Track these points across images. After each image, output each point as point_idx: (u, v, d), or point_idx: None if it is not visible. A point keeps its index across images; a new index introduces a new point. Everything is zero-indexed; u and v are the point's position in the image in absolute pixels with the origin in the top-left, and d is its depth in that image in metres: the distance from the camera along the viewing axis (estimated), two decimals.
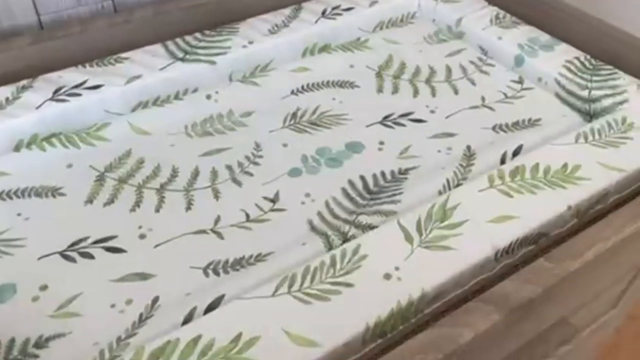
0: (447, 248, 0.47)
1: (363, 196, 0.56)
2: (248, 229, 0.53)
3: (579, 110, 0.66)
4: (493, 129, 0.64)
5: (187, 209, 0.55)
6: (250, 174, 0.58)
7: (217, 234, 0.52)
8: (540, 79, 0.70)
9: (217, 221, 0.53)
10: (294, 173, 0.59)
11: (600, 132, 0.59)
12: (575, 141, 0.58)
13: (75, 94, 0.63)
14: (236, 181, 0.58)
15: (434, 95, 0.69)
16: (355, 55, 0.75)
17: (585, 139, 0.58)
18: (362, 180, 0.58)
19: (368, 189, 0.57)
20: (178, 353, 0.40)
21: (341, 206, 0.55)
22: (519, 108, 0.67)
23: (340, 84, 0.71)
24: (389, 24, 0.81)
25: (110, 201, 0.55)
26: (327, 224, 0.53)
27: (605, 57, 0.71)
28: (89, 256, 0.50)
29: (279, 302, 0.43)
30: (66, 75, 0.65)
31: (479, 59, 0.75)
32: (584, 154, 0.56)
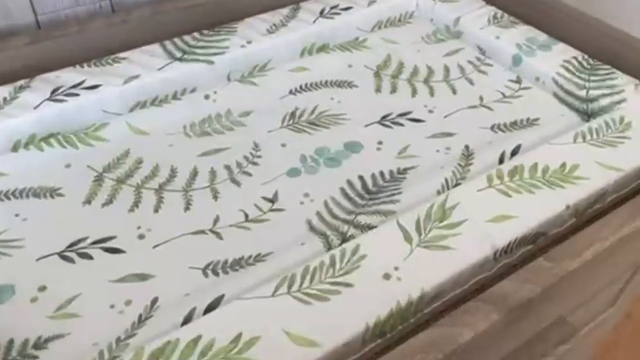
0: (446, 248, 0.47)
1: (362, 196, 0.56)
2: (247, 229, 0.53)
3: (576, 110, 0.66)
4: (491, 129, 0.64)
5: (186, 209, 0.55)
6: (249, 174, 0.58)
7: (216, 234, 0.52)
8: (538, 79, 0.70)
9: (216, 221, 0.53)
10: (292, 173, 0.58)
11: (598, 132, 0.59)
12: (574, 141, 0.58)
13: (73, 94, 0.62)
14: (235, 181, 0.58)
15: (432, 95, 0.69)
16: (353, 54, 0.75)
17: (584, 138, 0.58)
18: (361, 180, 0.58)
19: (367, 189, 0.57)
20: (178, 353, 0.40)
21: (340, 206, 0.55)
22: (517, 108, 0.67)
23: (338, 84, 0.70)
24: (387, 24, 0.81)
25: (109, 201, 0.55)
26: (326, 224, 0.53)
27: (602, 57, 0.71)
28: (88, 257, 0.50)
29: (278, 302, 0.43)
30: (64, 75, 0.65)
31: (477, 59, 0.75)
32: (582, 153, 0.57)
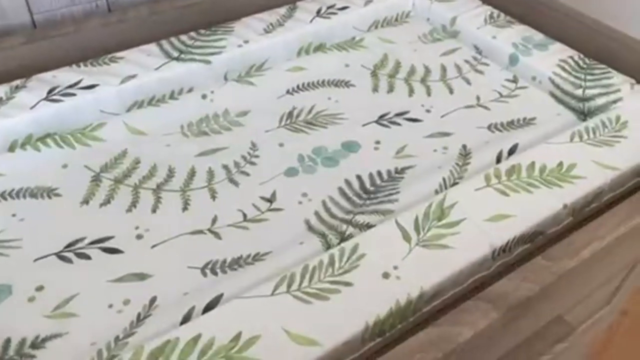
0: (445, 247, 0.47)
1: (360, 195, 0.56)
2: (245, 228, 0.53)
3: (573, 109, 0.67)
4: (488, 128, 0.64)
5: (184, 209, 0.54)
6: (246, 174, 0.58)
7: (215, 234, 0.52)
8: (535, 78, 0.70)
9: (214, 221, 0.53)
10: (290, 173, 0.58)
11: (594, 131, 0.59)
12: (570, 140, 0.58)
13: (69, 93, 0.62)
14: (233, 181, 0.57)
15: (429, 94, 0.69)
16: (350, 54, 0.75)
17: (580, 137, 0.58)
18: (359, 179, 0.58)
19: (365, 189, 0.57)
20: (178, 352, 0.39)
21: (338, 206, 0.55)
22: (513, 107, 0.67)
23: (335, 83, 0.70)
24: (384, 23, 0.81)
25: (107, 202, 0.55)
26: (325, 223, 0.53)
27: (598, 56, 0.71)
28: (86, 257, 0.50)
29: (278, 301, 0.43)
30: (60, 75, 0.64)
31: (474, 58, 0.75)
32: (579, 152, 0.57)
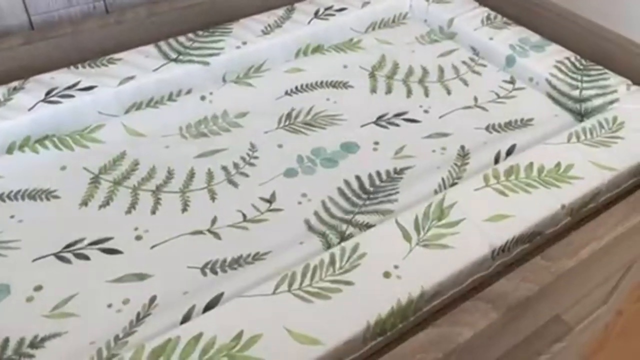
0: (445, 246, 0.47)
1: (359, 196, 0.56)
2: (245, 229, 0.53)
3: (570, 110, 0.67)
4: (486, 129, 0.64)
5: (184, 210, 0.54)
6: (246, 175, 0.58)
7: (214, 234, 0.52)
8: (532, 79, 0.70)
9: (213, 222, 0.53)
10: (289, 173, 0.59)
11: (591, 132, 0.60)
12: (568, 141, 0.59)
13: (68, 95, 0.62)
14: (232, 182, 0.57)
15: (427, 95, 0.69)
16: (348, 55, 0.76)
17: (578, 138, 0.59)
18: (358, 180, 0.58)
19: (364, 189, 0.57)
20: (179, 351, 0.39)
21: (338, 206, 0.55)
22: (511, 108, 0.68)
23: (334, 85, 0.71)
24: (381, 25, 0.81)
25: (106, 203, 0.55)
26: (325, 223, 0.53)
27: (593, 57, 0.71)
28: (85, 257, 0.50)
29: (279, 300, 0.43)
30: (58, 77, 0.64)
31: (471, 59, 0.75)
32: (576, 153, 0.57)
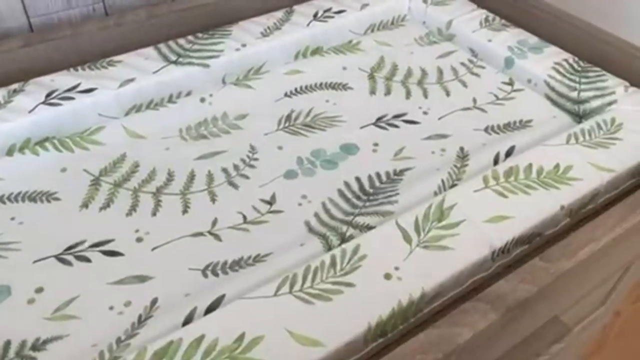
0: (445, 248, 0.47)
1: (359, 197, 0.56)
2: (245, 230, 0.53)
3: (568, 112, 0.67)
4: (485, 130, 0.65)
5: (184, 212, 0.55)
6: (246, 177, 0.58)
7: (215, 236, 0.52)
8: (530, 81, 0.71)
9: (214, 223, 0.53)
10: (289, 175, 0.59)
11: (590, 133, 0.60)
12: (567, 142, 0.59)
13: (68, 97, 0.62)
14: (232, 184, 0.58)
15: (426, 96, 0.70)
16: (347, 57, 0.76)
17: (576, 139, 0.59)
18: (358, 181, 0.58)
19: (364, 190, 0.57)
20: (181, 353, 0.40)
21: (338, 207, 0.55)
22: (510, 109, 0.68)
23: (333, 86, 0.71)
24: (380, 27, 0.82)
25: (106, 205, 0.55)
26: (325, 225, 0.53)
27: (591, 59, 0.72)
28: (86, 259, 0.50)
29: (281, 302, 0.43)
30: (58, 79, 0.64)
31: (470, 61, 0.76)
32: (575, 154, 0.57)
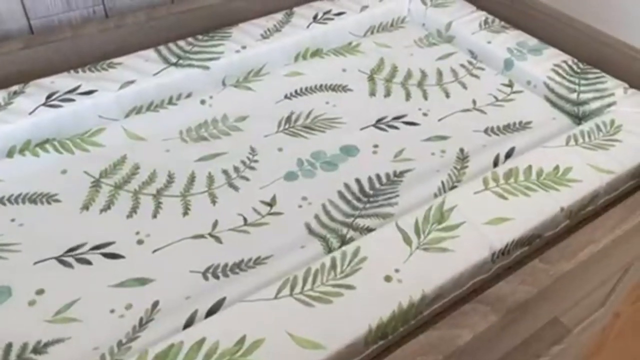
0: (445, 250, 0.47)
1: (360, 199, 0.56)
2: (246, 232, 0.53)
3: (568, 113, 0.67)
4: (485, 132, 0.65)
5: (185, 214, 0.55)
6: (246, 179, 0.58)
7: (215, 238, 0.52)
8: (530, 82, 0.71)
9: (215, 225, 0.53)
10: (290, 177, 0.59)
11: (589, 135, 0.60)
12: (566, 144, 0.59)
13: (68, 99, 0.62)
14: (233, 186, 0.58)
15: (425, 98, 0.70)
16: (347, 59, 0.76)
17: (576, 141, 0.59)
18: (358, 183, 0.58)
19: (364, 192, 0.57)
20: (182, 356, 0.40)
21: (338, 209, 0.55)
22: (509, 111, 0.68)
23: (333, 88, 0.71)
24: (380, 29, 0.82)
25: (107, 207, 0.55)
26: (325, 227, 0.53)
27: (592, 61, 0.72)
28: (87, 262, 0.50)
29: (281, 304, 0.43)
30: (58, 81, 0.64)
31: (469, 63, 0.76)
32: (574, 156, 0.57)
